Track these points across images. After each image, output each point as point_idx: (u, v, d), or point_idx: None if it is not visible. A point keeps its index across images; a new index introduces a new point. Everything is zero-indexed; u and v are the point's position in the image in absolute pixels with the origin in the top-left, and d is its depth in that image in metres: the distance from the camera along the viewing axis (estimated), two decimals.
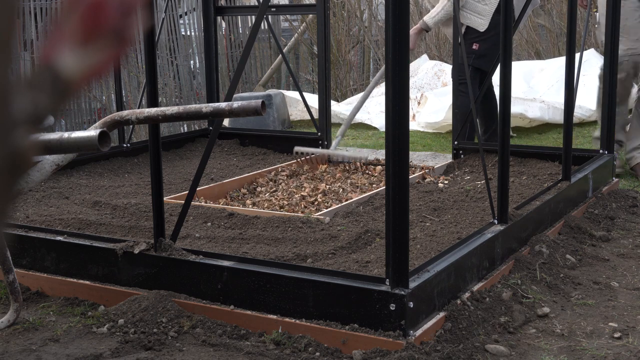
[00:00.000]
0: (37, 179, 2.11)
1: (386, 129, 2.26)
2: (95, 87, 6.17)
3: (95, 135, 1.72)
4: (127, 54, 0.58)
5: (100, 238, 2.86)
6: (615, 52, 4.17)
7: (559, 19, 9.34)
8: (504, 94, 2.98)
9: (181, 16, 7.02)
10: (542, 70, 7.23)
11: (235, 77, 2.89)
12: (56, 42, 0.56)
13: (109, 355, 2.31)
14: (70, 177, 4.16)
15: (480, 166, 4.13)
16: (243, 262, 2.57)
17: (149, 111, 2.06)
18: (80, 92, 0.58)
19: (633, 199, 3.92)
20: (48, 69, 0.56)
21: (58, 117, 4.95)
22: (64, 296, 2.78)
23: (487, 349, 2.31)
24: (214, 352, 2.31)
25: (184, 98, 6.96)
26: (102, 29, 0.57)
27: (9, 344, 2.42)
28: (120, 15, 0.57)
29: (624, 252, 3.24)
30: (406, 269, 2.29)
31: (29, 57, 5.77)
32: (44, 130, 1.78)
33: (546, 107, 6.27)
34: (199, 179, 2.76)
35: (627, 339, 2.41)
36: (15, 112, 0.54)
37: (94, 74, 0.57)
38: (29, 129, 0.55)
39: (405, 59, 2.22)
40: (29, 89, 0.55)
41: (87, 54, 0.56)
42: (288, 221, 3.22)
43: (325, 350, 2.28)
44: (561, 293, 2.78)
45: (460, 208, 3.50)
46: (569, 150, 3.65)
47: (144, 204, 3.52)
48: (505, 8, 2.98)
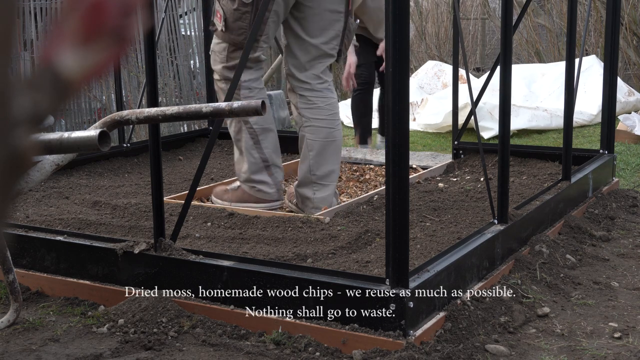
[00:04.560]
0: (37, 179, 2.11)
1: (386, 129, 2.26)
2: (95, 87, 6.17)
3: (95, 135, 1.71)
4: (127, 54, 0.58)
5: (100, 238, 2.86)
6: (615, 52, 4.17)
7: (559, 19, 9.33)
8: (504, 94, 2.98)
9: (181, 16, 7.02)
10: (544, 75, 7.23)
11: (235, 77, 2.89)
12: (56, 42, 0.56)
13: (109, 355, 2.31)
14: (70, 177, 4.16)
15: (480, 166, 4.13)
16: (243, 262, 2.57)
17: (149, 111, 2.06)
18: (80, 92, 0.58)
19: (633, 199, 3.92)
20: (48, 69, 0.56)
21: (58, 117, 4.95)
22: (64, 296, 2.78)
23: (487, 349, 2.31)
24: (214, 352, 2.31)
25: (184, 98, 6.96)
26: (102, 29, 0.57)
27: (9, 344, 2.42)
28: (120, 15, 0.57)
29: (624, 252, 3.24)
30: (406, 269, 2.29)
31: (29, 57, 5.78)
32: (44, 130, 1.78)
33: (549, 115, 6.29)
34: (199, 179, 2.76)
35: (627, 339, 2.41)
36: (15, 112, 0.54)
37: (94, 74, 0.57)
38: (29, 129, 0.55)
39: (405, 59, 2.22)
40: (29, 89, 0.55)
41: (87, 54, 0.56)
42: (288, 221, 3.22)
43: (325, 350, 2.28)
44: (561, 293, 2.78)
45: (460, 208, 3.50)
46: (569, 150, 3.65)
47: (144, 204, 3.52)
48: (506, 8, 2.98)
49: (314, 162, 3.44)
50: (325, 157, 3.44)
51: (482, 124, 5.92)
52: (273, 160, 3.51)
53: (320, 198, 3.46)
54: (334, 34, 3.40)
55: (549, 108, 6.48)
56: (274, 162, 3.51)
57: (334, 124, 3.44)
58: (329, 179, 3.46)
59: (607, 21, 4.18)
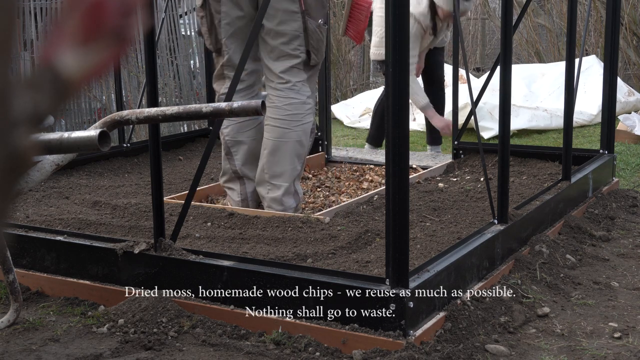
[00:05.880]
0: (37, 179, 2.11)
1: (386, 129, 2.26)
2: (95, 87, 6.17)
3: (95, 135, 1.71)
4: (127, 54, 0.58)
5: (100, 238, 2.86)
6: (615, 52, 4.17)
7: (559, 19, 9.33)
8: (504, 94, 2.98)
9: (181, 16, 7.02)
10: (544, 75, 7.23)
11: (235, 77, 2.89)
12: (56, 42, 0.56)
13: (109, 355, 2.31)
14: (70, 177, 4.16)
15: (480, 166, 4.13)
16: (243, 262, 2.57)
17: (149, 111, 2.06)
18: (80, 92, 0.58)
19: (633, 199, 3.92)
20: (48, 69, 0.56)
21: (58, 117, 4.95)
22: (64, 296, 2.79)
23: (487, 349, 2.31)
24: (214, 352, 2.31)
25: (184, 98, 6.96)
26: (102, 29, 0.57)
27: (9, 344, 2.42)
28: (120, 15, 0.57)
29: (624, 252, 3.24)
30: (406, 269, 2.29)
31: (29, 57, 5.77)
32: (44, 130, 1.78)
33: (549, 116, 6.29)
34: (199, 179, 2.76)
35: (627, 339, 2.41)
36: (15, 112, 0.54)
37: (94, 74, 0.57)
38: (29, 129, 0.55)
39: (405, 59, 2.22)
40: (29, 89, 0.55)
41: (87, 54, 0.56)
42: (288, 221, 3.22)
43: (325, 350, 2.28)
44: (561, 293, 2.78)
45: (460, 208, 3.50)
46: (569, 150, 3.65)
47: (144, 204, 3.52)
48: (506, 8, 2.98)
49: (266, 161, 3.44)
50: (277, 157, 3.42)
51: (482, 124, 5.92)
52: (243, 172, 3.54)
53: (271, 198, 3.45)
54: (292, 35, 3.39)
55: (549, 108, 6.48)
56: (244, 174, 3.54)
57: (290, 125, 3.39)
58: (280, 179, 3.42)
59: (607, 21, 4.18)
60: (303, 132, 3.43)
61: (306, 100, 3.43)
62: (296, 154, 3.42)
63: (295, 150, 3.42)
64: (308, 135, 3.46)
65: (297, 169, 3.45)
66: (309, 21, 3.36)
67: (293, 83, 3.41)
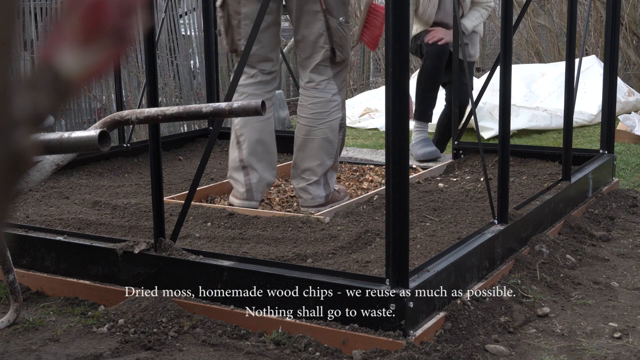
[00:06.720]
0: (37, 179, 2.11)
1: (386, 129, 2.26)
2: (95, 87, 6.17)
3: (95, 135, 1.71)
4: (127, 54, 0.58)
5: (100, 238, 2.86)
6: (615, 52, 4.17)
7: (559, 19, 9.33)
8: (504, 94, 2.98)
9: (181, 16, 7.02)
10: (544, 75, 7.23)
11: (235, 78, 2.89)
12: (56, 42, 0.56)
13: (109, 355, 2.31)
14: (70, 177, 4.16)
15: (480, 166, 4.13)
16: (243, 262, 2.57)
17: (149, 111, 2.06)
18: (80, 92, 0.58)
19: (633, 199, 3.92)
20: (48, 69, 0.56)
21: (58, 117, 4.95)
22: (64, 296, 2.79)
23: (487, 349, 2.31)
24: (214, 352, 2.31)
25: (184, 98, 6.96)
26: (102, 29, 0.57)
27: (9, 344, 2.42)
28: (120, 15, 0.57)
29: (624, 252, 3.24)
30: (406, 269, 2.29)
31: (29, 57, 5.78)
32: (44, 130, 1.78)
33: (549, 116, 6.29)
34: (199, 179, 2.76)
35: (627, 339, 2.41)
36: (15, 112, 0.54)
37: (94, 74, 0.57)
38: (29, 129, 0.55)
39: (405, 59, 2.22)
40: (29, 89, 0.55)
41: (87, 54, 0.56)
42: (288, 221, 3.22)
43: (325, 350, 2.28)
44: (561, 293, 2.78)
45: (460, 208, 3.50)
46: (569, 150, 3.65)
47: (144, 204, 3.52)
48: (506, 8, 2.98)
49: (296, 157, 3.61)
50: (305, 152, 3.57)
51: (482, 124, 5.92)
52: (249, 162, 3.61)
53: (300, 188, 3.58)
54: (317, 34, 3.50)
55: (549, 108, 6.48)
56: (249, 163, 3.60)
57: (315, 123, 3.53)
58: (309, 173, 3.56)
59: (607, 21, 4.18)
60: (329, 129, 3.54)
61: (331, 98, 3.55)
62: (324, 150, 3.55)
63: (322, 147, 3.55)
64: (336, 131, 3.58)
65: (327, 164, 3.57)
66: (331, 19, 3.46)
67: (317, 82, 3.54)
